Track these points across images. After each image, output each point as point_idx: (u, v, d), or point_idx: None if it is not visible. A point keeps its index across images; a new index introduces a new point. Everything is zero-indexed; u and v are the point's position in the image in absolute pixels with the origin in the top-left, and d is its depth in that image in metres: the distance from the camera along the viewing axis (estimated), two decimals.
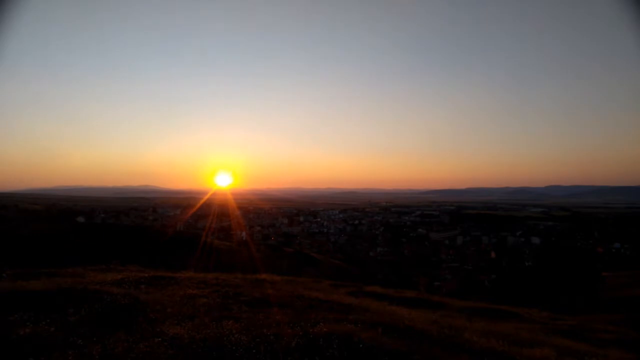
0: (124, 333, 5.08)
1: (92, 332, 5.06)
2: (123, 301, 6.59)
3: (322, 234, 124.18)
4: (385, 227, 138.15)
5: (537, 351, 5.55)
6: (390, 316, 6.96)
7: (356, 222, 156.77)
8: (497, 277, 45.51)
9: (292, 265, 49.77)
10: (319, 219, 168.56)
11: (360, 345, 4.69)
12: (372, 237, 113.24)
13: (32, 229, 47.54)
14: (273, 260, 52.20)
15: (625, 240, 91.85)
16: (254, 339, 4.82)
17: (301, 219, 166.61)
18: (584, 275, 24.09)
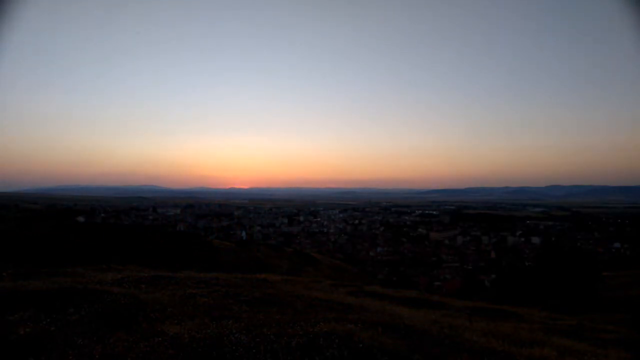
0: (124, 333, 5.07)
1: (92, 331, 5.06)
2: (123, 301, 6.58)
3: (322, 233, 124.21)
4: (385, 227, 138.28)
5: (537, 351, 5.54)
6: (390, 316, 6.96)
7: (356, 222, 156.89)
8: (497, 277, 45.44)
9: (292, 265, 49.79)
10: (319, 219, 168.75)
11: (361, 345, 4.68)
12: (372, 237, 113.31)
13: (32, 229, 47.56)
14: (273, 260, 52.25)
15: (625, 240, 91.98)
16: (254, 339, 4.81)
17: (301, 219, 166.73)
18: (584, 275, 24.03)
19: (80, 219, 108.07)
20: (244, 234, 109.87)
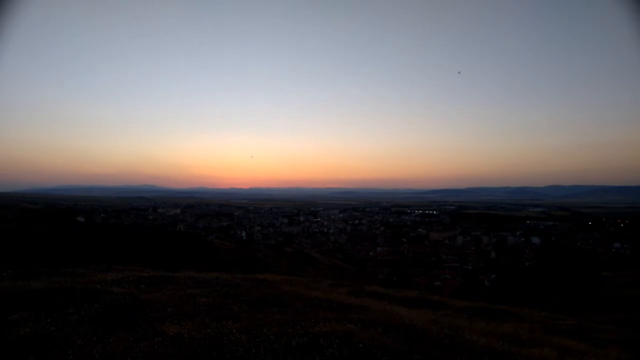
0: (124, 332, 5.09)
1: (92, 331, 5.07)
2: (123, 301, 6.59)
3: (322, 233, 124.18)
4: (386, 227, 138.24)
5: (537, 351, 5.53)
6: (390, 316, 6.96)
7: (356, 222, 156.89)
8: (497, 277, 45.47)
9: (292, 265, 49.79)
10: (319, 219, 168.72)
11: (360, 345, 4.68)
12: (372, 236, 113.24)
13: (32, 229, 47.52)
14: (273, 260, 52.24)
15: (625, 240, 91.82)
16: (254, 339, 4.82)
17: (301, 218, 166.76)
18: (584, 275, 24.02)
19: (80, 219, 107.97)
20: (244, 234, 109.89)
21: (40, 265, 11.73)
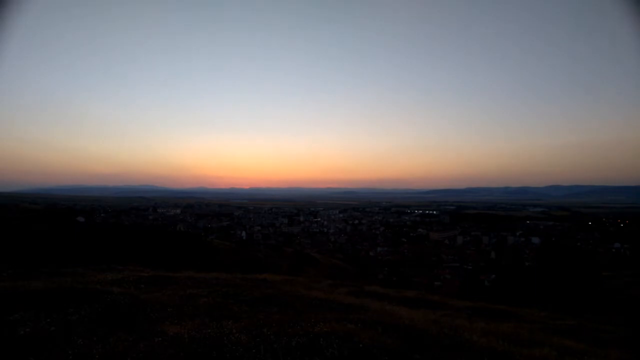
0: (124, 332, 5.08)
1: (92, 331, 5.07)
2: (123, 301, 6.59)
3: (322, 233, 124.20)
4: (385, 227, 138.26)
5: (537, 351, 5.53)
6: (390, 316, 6.96)
7: (356, 222, 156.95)
8: (497, 277, 45.46)
9: (292, 265, 49.82)
10: (319, 219, 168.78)
11: (360, 345, 4.68)
12: (372, 236, 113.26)
13: (32, 229, 47.49)
14: (273, 260, 52.29)
15: (625, 240, 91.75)
16: (254, 339, 4.82)
17: (301, 219, 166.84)
18: (584, 275, 24.03)
19: (80, 219, 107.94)
20: (244, 234, 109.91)
21: (40, 265, 11.72)
